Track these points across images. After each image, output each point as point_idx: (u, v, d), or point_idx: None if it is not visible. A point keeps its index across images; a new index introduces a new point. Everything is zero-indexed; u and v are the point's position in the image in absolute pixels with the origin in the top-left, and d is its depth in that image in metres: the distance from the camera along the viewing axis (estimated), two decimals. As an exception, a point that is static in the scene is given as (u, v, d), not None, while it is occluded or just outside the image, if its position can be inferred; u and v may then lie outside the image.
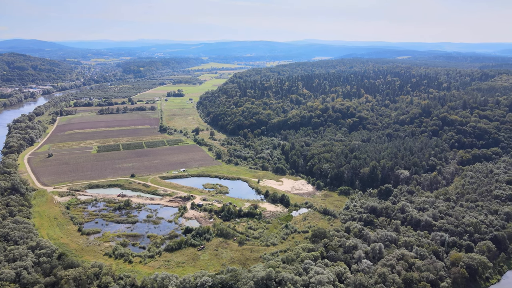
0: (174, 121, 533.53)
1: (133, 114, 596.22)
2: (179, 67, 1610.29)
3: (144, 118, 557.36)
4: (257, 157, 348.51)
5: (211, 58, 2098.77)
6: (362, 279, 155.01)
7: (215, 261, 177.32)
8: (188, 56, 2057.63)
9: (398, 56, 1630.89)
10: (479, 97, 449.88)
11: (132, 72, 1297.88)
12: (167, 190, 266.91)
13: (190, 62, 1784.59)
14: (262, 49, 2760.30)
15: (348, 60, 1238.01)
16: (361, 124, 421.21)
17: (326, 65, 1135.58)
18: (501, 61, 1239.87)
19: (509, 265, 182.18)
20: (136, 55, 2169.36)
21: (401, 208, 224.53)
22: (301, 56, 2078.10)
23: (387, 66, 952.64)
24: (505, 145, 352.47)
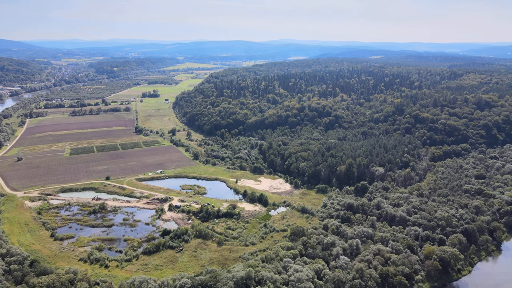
0: (150, 122, 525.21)
1: (107, 115, 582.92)
2: (154, 67, 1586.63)
3: (119, 119, 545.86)
4: (234, 157, 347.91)
5: (187, 58, 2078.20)
6: (340, 275, 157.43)
7: (194, 263, 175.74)
8: (163, 56, 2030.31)
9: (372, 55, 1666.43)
10: (448, 95, 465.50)
11: (105, 72, 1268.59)
12: (143, 192, 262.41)
13: (165, 62, 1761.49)
14: (239, 49, 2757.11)
15: (324, 60, 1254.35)
16: (337, 123, 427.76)
17: (302, 64, 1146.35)
18: (468, 60, 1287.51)
19: (480, 257, 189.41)
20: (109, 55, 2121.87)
21: (377, 204, 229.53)
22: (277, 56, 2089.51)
23: (361, 66, 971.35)
24: (473, 141, 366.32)
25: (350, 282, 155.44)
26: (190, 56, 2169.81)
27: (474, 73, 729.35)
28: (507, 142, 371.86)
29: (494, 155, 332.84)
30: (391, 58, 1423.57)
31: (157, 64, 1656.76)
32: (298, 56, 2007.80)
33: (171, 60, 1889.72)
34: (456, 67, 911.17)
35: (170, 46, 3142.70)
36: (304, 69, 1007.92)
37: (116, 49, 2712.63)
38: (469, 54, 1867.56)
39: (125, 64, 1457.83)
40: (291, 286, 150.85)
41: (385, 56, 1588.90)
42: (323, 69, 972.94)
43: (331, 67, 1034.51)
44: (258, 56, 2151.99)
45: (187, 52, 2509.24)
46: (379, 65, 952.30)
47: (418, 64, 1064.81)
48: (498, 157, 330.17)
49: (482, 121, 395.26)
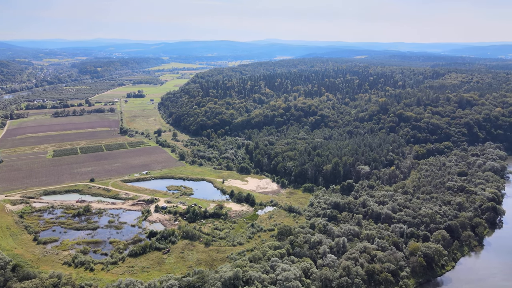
0: (135, 123, 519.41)
1: (91, 116, 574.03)
2: (139, 67, 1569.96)
3: (103, 120, 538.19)
4: (221, 157, 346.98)
5: (172, 58, 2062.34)
6: (327, 273, 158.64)
7: (181, 264, 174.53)
8: (148, 56, 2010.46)
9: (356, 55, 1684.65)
10: (431, 95, 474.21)
11: (88, 72, 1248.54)
12: (129, 194, 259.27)
13: (150, 62, 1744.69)
14: (224, 49, 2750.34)
15: (309, 60, 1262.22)
16: (323, 122, 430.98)
17: (287, 64, 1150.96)
18: (450, 60, 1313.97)
19: (463, 252, 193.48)
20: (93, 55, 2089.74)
21: (363, 202, 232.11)
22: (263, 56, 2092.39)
23: (346, 65, 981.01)
24: (455, 139, 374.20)
25: (337, 280, 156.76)
26: (175, 56, 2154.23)
27: (455, 73, 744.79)
28: (487, 140, 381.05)
29: (475, 153, 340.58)
30: (375, 58, 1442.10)
31: (141, 64, 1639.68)
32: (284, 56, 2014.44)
33: (156, 60, 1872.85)
34: (438, 67, 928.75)
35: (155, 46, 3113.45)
36: (289, 69, 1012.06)
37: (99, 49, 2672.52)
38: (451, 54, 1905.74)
39: (109, 64, 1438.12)
40: (278, 285, 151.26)
41: (369, 56, 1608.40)
42: (308, 68, 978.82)
43: (316, 66, 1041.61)
44: (244, 56, 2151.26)
45: (172, 52, 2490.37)
46: (364, 65, 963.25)
47: (401, 64, 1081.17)
48: (479, 154, 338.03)
49: (464, 119, 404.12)
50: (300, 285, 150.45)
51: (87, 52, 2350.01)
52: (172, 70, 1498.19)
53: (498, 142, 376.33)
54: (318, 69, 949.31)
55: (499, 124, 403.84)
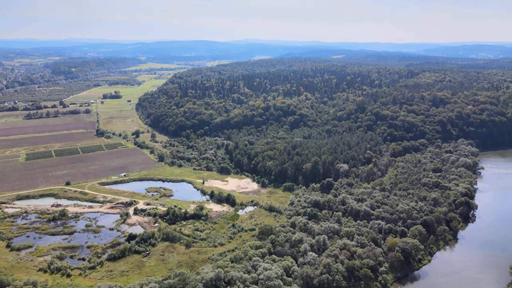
0: (112, 124, 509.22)
1: (66, 118, 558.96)
2: (115, 67, 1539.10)
3: (79, 122, 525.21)
4: (201, 158, 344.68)
5: (149, 58, 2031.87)
6: (308, 271, 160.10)
7: (162, 267, 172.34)
8: (125, 56, 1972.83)
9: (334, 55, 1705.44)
10: (406, 93, 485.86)
11: (62, 73, 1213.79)
12: (107, 197, 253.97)
13: (127, 63, 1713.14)
14: (202, 49, 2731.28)
15: (287, 59, 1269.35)
16: (302, 121, 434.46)
17: (266, 64, 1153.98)
18: (424, 59, 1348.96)
19: (438, 246, 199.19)
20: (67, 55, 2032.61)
21: (342, 200, 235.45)
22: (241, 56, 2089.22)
23: (324, 65, 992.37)
24: (430, 136, 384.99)
25: (318, 277, 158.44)
26: (152, 56, 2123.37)
27: (429, 72, 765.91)
28: (460, 136, 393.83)
29: (449, 149, 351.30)
30: (352, 58, 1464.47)
31: (118, 65, 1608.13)
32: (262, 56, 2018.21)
33: (133, 60, 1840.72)
34: (412, 66, 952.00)
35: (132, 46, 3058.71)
36: (268, 68, 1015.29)
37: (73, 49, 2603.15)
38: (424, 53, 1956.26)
39: (84, 64, 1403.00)
40: (260, 284, 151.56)
41: (346, 56, 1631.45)
42: (287, 68, 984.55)
43: (295, 66, 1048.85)
44: (222, 56, 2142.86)
45: (150, 52, 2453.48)
46: (341, 65, 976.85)
47: (377, 64, 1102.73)
48: (453, 151, 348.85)
49: (438, 117, 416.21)
50: (281, 284, 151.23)
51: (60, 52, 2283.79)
52: (149, 70, 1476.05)
53: (470, 139, 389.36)
54: (296, 68, 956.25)
55: (471, 121, 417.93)
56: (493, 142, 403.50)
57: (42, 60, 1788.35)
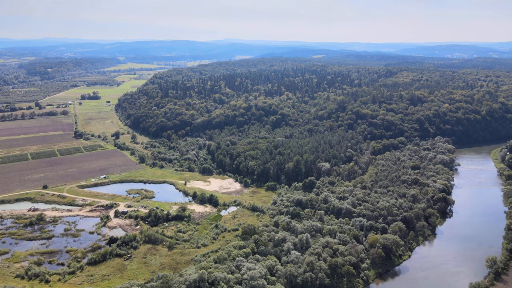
0: (91, 126, 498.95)
1: (42, 119, 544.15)
2: (93, 68, 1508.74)
3: (56, 124, 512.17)
4: (182, 159, 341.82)
5: (129, 58, 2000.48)
6: (292, 270, 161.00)
7: (144, 269, 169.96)
8: (103, 56, 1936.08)
9: (314, 55, 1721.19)
10: (385, 92, 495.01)
11: (38, 73, 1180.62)
12: (86, 200, 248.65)
13: (105, 63, 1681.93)
14: (183, 48, 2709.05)
15: (268, 59, 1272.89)
16: (284, 121, 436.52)
17: (247, 64, 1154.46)
18: (401, 59, 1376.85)
19: (417, 242, 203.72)
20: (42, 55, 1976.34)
21: (324, 198, 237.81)
22: (222, 56, 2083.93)
23: (305, 65, 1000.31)
24: (408, 134, 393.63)
25: (302, 276, 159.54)
26: (132, 56, 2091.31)
27: (407, 71, 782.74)
28: (437, 134, 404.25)
29: (427, 147, 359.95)
30: (332, 57, 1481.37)
31: (96, 65, 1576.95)
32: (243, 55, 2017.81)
33: (112, 60, 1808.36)
34: (391, 66, 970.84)
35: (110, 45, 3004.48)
36: (249, 68, 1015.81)
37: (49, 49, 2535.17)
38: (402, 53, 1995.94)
39: (61, 64, 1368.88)
40: (244, 284, 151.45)
41: (326, 56, 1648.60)
42: (268, 68, 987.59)
43: (276, 66, 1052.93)
44: (203, 56, 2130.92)
45: (129, 52, 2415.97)
46: (322, 64, 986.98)
47: (357, 63, 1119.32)
48: (430, 148, 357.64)
49: (416, 115, 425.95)
50: (265, 283, 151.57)
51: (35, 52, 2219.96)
52: (129, 70, 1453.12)
53: (446, 136, 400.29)
54: (277, 68, 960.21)
55: (447, 119, 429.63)
56: (468, 139, 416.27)
57: (16, 61, 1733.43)
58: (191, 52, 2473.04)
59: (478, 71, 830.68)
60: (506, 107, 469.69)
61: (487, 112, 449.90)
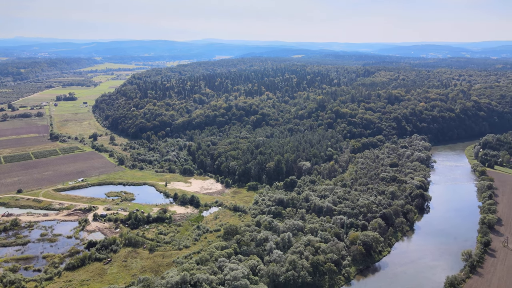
0: (68, 128, 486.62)
1: (15, 122, 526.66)
2: (69, 68, 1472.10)
3: (30, 126, 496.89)
4: (163, 160, 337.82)
5: (106, 58, 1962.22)
6: (274, 269, 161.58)
7: (124, 273, 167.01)
8: (79, 56, 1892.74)
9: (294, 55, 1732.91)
10: (364, 92, 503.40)
11: (10, 74, 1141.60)
12: (63, 204, 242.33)
13: (81, 63, 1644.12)
14: (161, 48, 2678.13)
15: (248, 59, 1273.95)
16: (264, 121, 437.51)
17: (227, 64, 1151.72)
18: (379, 59, 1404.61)
19: (396, 238, 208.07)
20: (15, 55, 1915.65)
21: (305, 197, 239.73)
22: (202, 56, 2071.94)
23: (285, 64, 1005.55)
24: (386, 133, 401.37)
25: (284, 275, 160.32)
26: (109, 56, 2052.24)
27: (384, 71, 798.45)
28: (414, 132, 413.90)
29: (404, 145, 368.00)
30: (311, 57, 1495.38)
31: (72, 65, 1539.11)
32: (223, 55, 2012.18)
33: (88, 60, 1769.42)
34: (369, 65, 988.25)
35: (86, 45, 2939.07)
36: (229, 68, 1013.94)
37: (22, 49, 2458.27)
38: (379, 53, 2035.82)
39: (35, 65, 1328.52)
40: (227, 285, 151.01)
41: (306, 55, 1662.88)
42: (248, 68, 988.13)
43: (255, 66, 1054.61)
44: (182, 56, 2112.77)
45: (106, 52, 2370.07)
46: (301, 64, 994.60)
47: (336, 63, 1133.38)
48: (408, 146, 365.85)
49: (393, 114, 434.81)
50: (248, 283, 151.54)
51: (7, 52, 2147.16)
52: (106, 71, 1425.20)
53: (423, 134, 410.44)
54: (257, 68, 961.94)
55: (423, 117, 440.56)
56: (443, 137, 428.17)
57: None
58: (170, 52, 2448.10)
59: (452, 70, 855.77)
60: (478, 105, 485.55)
61: (461, 110, 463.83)
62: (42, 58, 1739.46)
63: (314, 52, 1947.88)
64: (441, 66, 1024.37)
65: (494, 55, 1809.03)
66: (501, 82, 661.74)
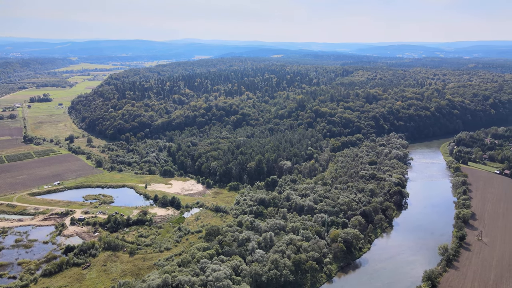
0: (42, 130, 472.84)
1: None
2: (43, 68, 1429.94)
3: (3, 128, 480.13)
4: (142, 162, 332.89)
5: (82, 58, 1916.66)
6: (257, 269, 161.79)
7: (104, 278, 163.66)
8: (54, 57, 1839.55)
9: (273, 54, 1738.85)
10: (342, 91, 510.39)
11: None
12: (39, 208, 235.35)
13: (56, 63, 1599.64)
14: (139, 48, 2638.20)
15: (228, 59, 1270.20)
16: (245, 121, 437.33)
17: (206, 64, 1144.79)
18: (357, 59, 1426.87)
19: (376, 234, 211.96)
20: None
21: (287, 196, 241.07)
22: (181, 56, 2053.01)
23: (264, 64, 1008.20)
24: (365, 131, 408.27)
25: (267, 274, 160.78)
26: (85, 57, 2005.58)
27: (362, 70, 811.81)
28: (392, 130, 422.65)
29: (382, 143, 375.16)
30: (290, 57, 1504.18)
31: (46, 65, 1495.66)
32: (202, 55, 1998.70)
33: (63, 60, 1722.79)
34: (347, 65, 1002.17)
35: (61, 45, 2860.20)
36: (209, 68, 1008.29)
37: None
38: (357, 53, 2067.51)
39: (6, 65, 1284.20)
40: (209, 286, 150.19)
41: (285, 55, 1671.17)
42: (227, 68, 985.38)
43: (235, 66, 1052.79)
44: (161, 56, 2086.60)
45: (82, 52, 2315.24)
46: (281, 64, 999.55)
47: (315, 63, 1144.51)
48: (386, 144, 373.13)
49: (371, 113, 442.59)
50: (231, 284, 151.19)
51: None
52: (82, 71, 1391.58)
53: (400, 132, 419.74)
54: (237, 68, 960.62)
55: (400, 116, 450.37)
56: (420, 135, 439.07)
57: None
58: (149, 52, 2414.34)
59: (427, 70, 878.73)
60: (452, 103, 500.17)
61: (436, 109, 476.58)
62: (14, 58, 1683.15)
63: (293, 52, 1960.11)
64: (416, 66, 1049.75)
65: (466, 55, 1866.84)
66: (473, 81, 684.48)
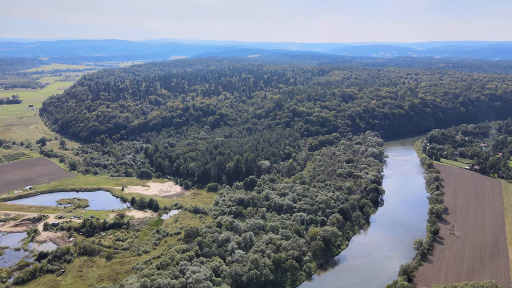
0: (12, 132, 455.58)
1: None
2: (12, 69, 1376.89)
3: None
4: (118, 164, 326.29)
5: (53, 58, 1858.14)
6: (237, 269, 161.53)
7: (80, 284, 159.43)
8: (23, 57, 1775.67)
9: (250, 54, 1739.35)
10: (319, 90, 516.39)
11: None
12: (9, 214, 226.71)
13: (26, 63, 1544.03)
14: (114, 48, 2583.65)
15: (205, 59, 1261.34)
16: (223, 121, 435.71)
17: (183, 64, 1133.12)
18: (332, 58, 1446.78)
19: (354, 231, 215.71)
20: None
21: (266, 196, 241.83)
22: (157, 56, 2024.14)
23: (241, 64, 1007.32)
24: (342, 130, 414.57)
25: (247, 274, 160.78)
26: (57, 57, 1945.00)
27: (338, 70, 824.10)
28: (367, 129, 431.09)
29: (358, 141, 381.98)
30: (267, 57, 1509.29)
31: (15, 66, 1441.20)
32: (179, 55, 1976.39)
33: (33, 61, 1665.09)
34: (323, 65, 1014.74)
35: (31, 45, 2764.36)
36: (185, 68, 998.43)
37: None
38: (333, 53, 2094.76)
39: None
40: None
41: (262, 55, 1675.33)
42: (204, 68, 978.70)
43: (212, 66, 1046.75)
44: (136, 56, 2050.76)
45: (53, 51, 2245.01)
46: (258, 64, 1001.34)
47: (291, 62, 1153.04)
48: (362, 142, 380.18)
49: (348, 112, 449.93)
50: (211, 285, 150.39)
51: None
52: (54, 72, 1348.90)
53: (375, 130, 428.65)
54: (214, 68, 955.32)
55: (375, 114, 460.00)
56: (394, 133, 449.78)
57: None
58: (123, 52, 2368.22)
59: (400, 69, 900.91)
60: (425, 102, 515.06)
61: (409, 107, 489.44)
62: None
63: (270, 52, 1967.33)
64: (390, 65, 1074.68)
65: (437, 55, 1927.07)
66: (444, 80, 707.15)
